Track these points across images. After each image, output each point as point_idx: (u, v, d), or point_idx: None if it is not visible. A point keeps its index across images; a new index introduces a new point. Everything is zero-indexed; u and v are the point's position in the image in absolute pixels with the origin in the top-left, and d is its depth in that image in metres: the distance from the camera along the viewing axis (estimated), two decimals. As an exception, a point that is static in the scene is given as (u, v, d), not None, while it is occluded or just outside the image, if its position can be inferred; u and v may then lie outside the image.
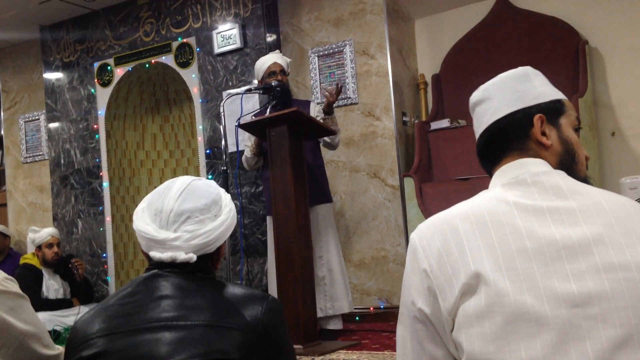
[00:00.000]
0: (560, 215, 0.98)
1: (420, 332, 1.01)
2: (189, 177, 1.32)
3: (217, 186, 1.32)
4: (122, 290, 1.22)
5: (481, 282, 0.93)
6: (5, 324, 1.20)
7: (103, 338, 1.13)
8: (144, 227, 1.25)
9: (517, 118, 1.12)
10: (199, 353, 1.09)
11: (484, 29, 4.57)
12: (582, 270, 0.92)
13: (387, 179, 4.35)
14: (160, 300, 1.16)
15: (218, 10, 4.72)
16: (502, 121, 1.13)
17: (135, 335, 1.12)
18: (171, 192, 1.26)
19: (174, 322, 1.12)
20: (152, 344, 1.10)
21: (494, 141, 1.14)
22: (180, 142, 5.50)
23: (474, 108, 1.20)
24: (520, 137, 1.11)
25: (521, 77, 1.16)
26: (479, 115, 1.18)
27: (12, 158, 6.15)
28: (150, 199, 1.29)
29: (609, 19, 4.25)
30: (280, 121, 3.33)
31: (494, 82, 1.18)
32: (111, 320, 1.15)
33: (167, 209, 1.24)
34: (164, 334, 1.11)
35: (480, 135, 1.17)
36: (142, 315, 1.14)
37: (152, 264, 1.25)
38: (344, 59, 4.52)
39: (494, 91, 1.16)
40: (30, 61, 5.96)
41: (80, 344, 1.15)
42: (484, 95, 1.17)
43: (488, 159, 1.16)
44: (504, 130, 1.12)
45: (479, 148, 1.18)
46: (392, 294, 4.29)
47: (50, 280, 4.46)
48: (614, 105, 4.24)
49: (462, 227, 1.00)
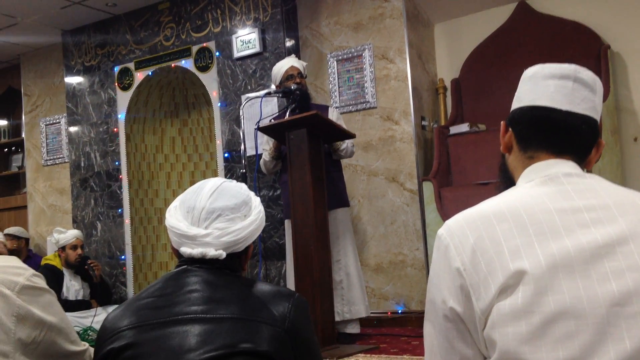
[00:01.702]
0: (597, 212, 0.97)
1: (450, 331, 1.00)
2: (221, 178, 1.37)
3: (247, 189, 1.37)
4: (152, 286, 1.25)
5: (520, 281, 0.92)
6: (33, 319, 1.21)
7: (133, 330, 1.16)
8: (177, 223, 1.29)
9: (595, 128, 1.09)
10: (227, 344, 1.11)
11: (504, 34, 4.55)
12: (621, 268, 0.91)
13: (406, 183, 4.34)
14: (190, 294, 1.19)
15: (238, 14, 4.75)
16: (590, 120, 1.08)
17: (165, 327, 1.14)
18: (203, 191, 1.30)
19: (203, 315, 1.15)
20: (181, 336, 1.12)
21: (560, 129, 1.07)
22: (199, 145, 5.53)
23: (573, 76, 1.08)
24: (589, 146, 1.10)
25: (600, 88, 1.12)
26: (566, 90, 1.08)
27: (32, 161, 6.23)
28: (183, 197, 1.33)
29: (632, 23, 4.21)
30: (300, 124, 3.33)
31: (594, 78, 1.10)
32: (141, 313, 1.18)
33: (199, 206, 1.28)
34: (193, 326, 1.13)
35: (549, 110, 1.08)
36: (172, 309, 1.17)
37: (182, 260, 1.28)
38: (363, 63, 4.52)
39: (599, 89, 1.11)
40: (52, 65, 6.05)
41: (110, 336, 1.18)
42: (592, 85, 1.10)
43: (532, 137, 1.10)
44: (579, 128, 1.07)
45: (530, 119, 1.09)
46: (410, 299, 4.27)
47: (71, 282, 4.51)
48: (637, 111, 4.20)
49: (497, 224, 0.98)
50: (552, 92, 1.07)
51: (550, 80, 1.08)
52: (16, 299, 1.19)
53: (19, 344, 1.18)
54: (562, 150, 1.08)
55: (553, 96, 1.07)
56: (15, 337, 1.17)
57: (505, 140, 1.16)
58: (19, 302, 1.19)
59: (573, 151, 1.08)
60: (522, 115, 1.11)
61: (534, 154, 1.10)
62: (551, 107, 1.07)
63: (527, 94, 1.11)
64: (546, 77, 1.09)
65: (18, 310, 1.19)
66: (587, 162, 1.11)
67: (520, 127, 1.12)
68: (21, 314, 1.19)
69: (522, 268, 0.92)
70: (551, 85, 1.08)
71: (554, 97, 1.07)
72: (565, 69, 1.09)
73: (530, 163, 1.10)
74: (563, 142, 1.08)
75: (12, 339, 1.17)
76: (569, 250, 0.93)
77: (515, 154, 1.14)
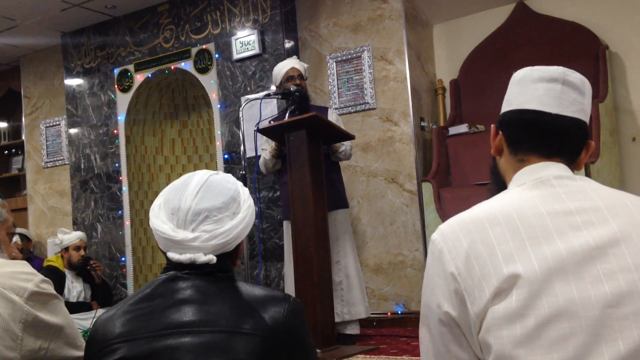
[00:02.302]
0: (589, 214, 0.98)
1: (446, 335, 1.01)
2: (207, 171, 1.28)
3: (235, 181, 1.28)
4: (141, 292, 1.20)
5: (513, 285, 0.93)
6: (41, 325, 1.21)
7: (124, 343, 1.11)
8: (161, 225, 1.21)
9: (584, 129, 1.09)
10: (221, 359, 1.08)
11: (503, 35, 4.55)
12: (614, 270, 0.92)
13: (405, 184, 4.34)
14: (181, 305, 1.14)
15: (237, 16, 4.76)
16: (579, 122, 1.09)
17: (157, 340, 1.10)
18: (188, 189, 1.22)
19: (195, 327, 1.11)
20: (174, 350, 1.09)
21: (550, 132, 1.08)
22: (199, 147, 5.54)
23: (562, 79, 1.09)
24: (579, 147, 1.10)
25: (589, 90, 1.12)
26: (555, 93, 1.08)
27: (33, 163, 6.24)
28: (167, 195, 1.25)
29: (630, 23, 4.21)
30: (299, 126, 3.34)
31: (583, 80, 1.11)
32: (132, 323, 1.14)
33: (184, 207, 1.20)
34: (186, 340, 1.09)
35: (539, 114, 1.08)
36: (163, 320, 1.12)
37: (171, 265, 1.21)
38: (362, 65, 4.53)
39: (588, 91, 1.11)
40: (52, 67, 6.06)
41: (101, 348, 1.14)
42: (581, 87, 1.10)
43: (523, 140, 1.10)
44: (569, 131, 1.08)
45: (520, 122, 1.10)
46: (409, 299, 4.28)
47: (73, 283, 4.53)
48: (635, 111, 4.20)
49: (490, 228, 0.99)
50: (541, 96, 1.09)
51: (539, 83, 1.09)
52: (24, 305, 1.18)
53: (26, 351, 1.18)
54: (552, 153, 1.09)
55: (542, 99, 1.08)
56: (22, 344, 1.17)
57: (495, 143, 1.17)
58: (27, 308, 1.19)
59: (563, 153, 1.09)
60: (511, 119, 1.12)
61: (524, 157, 1.11)
62: (540, 111, 1.08)
63: (516, 97, 1.12)
64: (535, 80, 1.10)
65: (26, 317, 1.18)
66: (577, 163, 1.12)
67: (510, 130, 1.13)
68: (29, 321, 1.18)
69: (516, 272, 0.93)
70: (540, 88, 1.09)
71: (543, 101, 1.08)
72: (554, 72, 1.10)
73: (521, 166, 1.10)
74: (553, 145, 1.09)
75: (19, 346, 1.17)
76: (561, 253, 0.94)
77: (505, 157, 1.15)
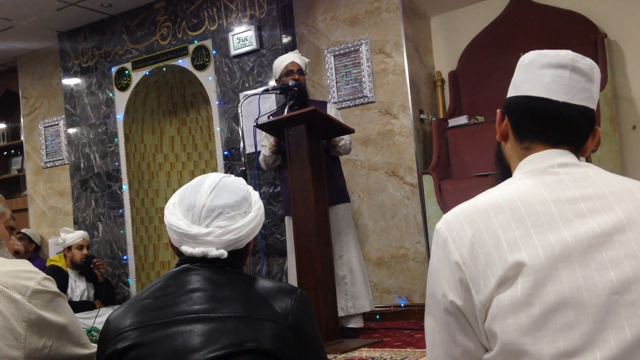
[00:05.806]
0: (594, 201, 0.97)
1: (452, 324, 1.00)
2: (219, 174, 1.35)
3: (246, 184, 1.35)
4: (153, 285, 1.25)
5: (519, 273, 0.92)
6: (44, 323, 1.21)
7: (136, 330, 1.15)
8: (177, 222, 1.27)
9: (591, 117, 1.08)
10: (232, 343, 1.11)
11: (501, 25, 4.54)
12: (619, 256, 0.91)
13: (405, 176, 4.34)
14: (192, 293, 1.18)
15: (233, 12, 4.75)
16: (587, 110, 1.07)
17: (168, 327, 1.14)
18: (203, 187, 1.29)
19: (206, 314, 1.14)
20: (185, 336, 1.12)
21: (557, 121, 1.07)
22: (198, 144, 5.53)
23: (570, 65, 1.07)
24: (585, 135, 1.09)
25: (598, 76, 1.10)
26: (563, 80, 1.06)
27: (32, 163, 6.23)
28: (182, 194, 1.31)
29: (628, 11, 4.20)
30: (298, 120, 3.33)
31: (592, 66, 1.09)
32: (144, 314, 1.18)
33: (199, 204, 1.26)
34: (197, 326, 1.13)
35: (546, 102, 1.07)
36: (174, 308, 1.16)
37: (183, 259, 1.27)
38: (360, 58, 4.51)
39: (597, 77, 1.09)
40: (49, 67, 6.04)
41: (114, 337, 1.18)
42: (590, 73, 1.08)
43: (529, 127, 1.09)
44: (576, 120, 1.07)
45: (526, 109, 1.09)
46: (412, 292, 4.28)
47: (76, 282, 4.54)
48: (635, 99, 4.19)
49: (495, 216, 0.98)
50: (549, 83, 1.07)
51: (547, 69, 1.08)
52: (27, 304, 1.18)
53: (30, 350, 1.17)
54: (559, 141, 1.08)
55: (550, 87, 1.07)
56: (25, 343, 1.16)
57: (501, 128, 1.15)
58: (30, 307, 1.18)
59: (569, 141, 1.08)
60: (518, 105, 1.10)
61: (530, 145, 1.10)
62: (548, 98, 1.06)
63: (523, 82, 1.11)
64: (543, 66, 1.08)
65: (29, 316, 1.18)
66: (583, 150, 1.11)
67: (516, 117, 1.11)
68: (32, 319, 1.18)
69: (521, 260, 0.93)
70: (548, 75, 1.07)
71: (550, 88, 1.07)
72: (563, 57, 1.08)
73: (527, 154, 1.10)
74: (559, 133, 1.08)
75: (23, 345, 1.16)
76: (566, 240, 0.93)
77: (511, 143, 1.14)
